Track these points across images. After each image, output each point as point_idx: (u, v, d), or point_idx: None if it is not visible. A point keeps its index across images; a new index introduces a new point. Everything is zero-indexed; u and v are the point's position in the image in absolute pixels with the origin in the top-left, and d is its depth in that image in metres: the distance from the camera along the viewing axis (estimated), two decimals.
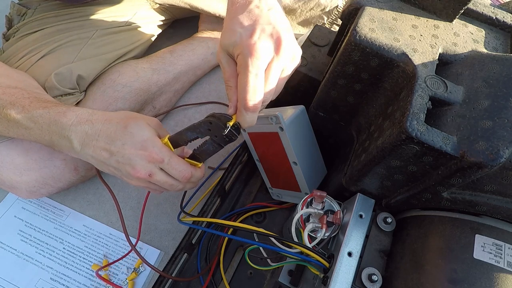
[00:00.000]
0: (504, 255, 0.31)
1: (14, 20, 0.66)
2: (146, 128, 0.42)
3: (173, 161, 0.42)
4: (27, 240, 0.59)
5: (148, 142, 0.41)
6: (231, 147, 0.72)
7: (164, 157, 0.41)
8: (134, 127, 0.41)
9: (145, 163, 0.41)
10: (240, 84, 0.36)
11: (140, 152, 0.40)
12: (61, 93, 0.57)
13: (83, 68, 0.60)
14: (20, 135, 0.47)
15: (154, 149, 0.40)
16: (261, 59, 0.36)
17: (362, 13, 0.39)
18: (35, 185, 0.54)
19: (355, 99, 0.45)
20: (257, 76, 0.36)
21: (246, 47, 0.36)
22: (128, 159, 0.41)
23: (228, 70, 0.39)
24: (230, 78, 0.39)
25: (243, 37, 0.36)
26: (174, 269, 0.47)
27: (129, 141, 0.40)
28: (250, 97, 0.36)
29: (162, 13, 0.79)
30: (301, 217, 0.41)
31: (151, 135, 0.41)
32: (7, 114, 0.45)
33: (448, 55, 0.38)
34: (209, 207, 0.50)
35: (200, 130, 0.40)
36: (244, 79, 0.36)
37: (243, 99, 0.36)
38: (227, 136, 0.39)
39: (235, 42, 0.37)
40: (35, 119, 0.44)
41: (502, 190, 0.32)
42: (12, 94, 0.46)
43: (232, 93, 0.39)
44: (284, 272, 0.43)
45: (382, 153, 0.34)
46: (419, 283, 0.33)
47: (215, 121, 0.38)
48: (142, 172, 0.41)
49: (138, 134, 0.41)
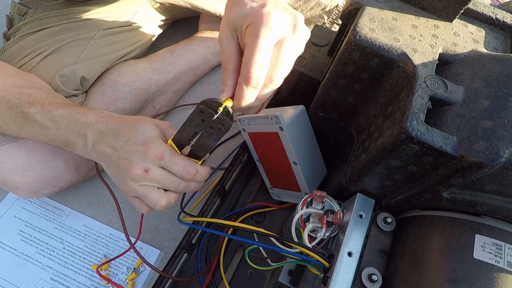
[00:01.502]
0: (504, 255, 0.31)
1: (14, 20, 0.66)
2: (152, 127, 0.41)
3: (175, 156, 0.41)
4: (27, 240, 0.59)
5: (149, 139, 0.40)
6: (231, 147, 0.72)
7: (164, 154, 0.40)
8: (141, 125, 0.41)
9: (142, 158, 0.40)
10: (246, 55, 0.33)
11: (140, 147, 0.40)
12: (66, 95, 0.57)
13: (86, 69, 0.60)
14: (31, 135, 0.48)
15: (153, 145, 0.40)
16: (275, 30, 0.33)
17: (362, 13, 0.39)
18: (36, 186, 0.55)
19: (355, 99, 0.45)
20: (266, 48, 0.33)
21: (258, 16, 0.32)
22: (127, 154, 0.40)
23: (228, 50, 0.36)
24: (228, 61, 0.36)
25: (255, 7, 0.33)
26: (174, 269, 0.47)
27: (132, 137, 0.40)
28: (254, 69, 0.33)
29: (162, 13, 0.79)
30: (301, 217, 0.41)
31: (155, 134, 0.41)
32: (25, 113, 0.45)
33: (448, 55, 0.38)
34: (209, 207, 0.50)
35: (195, 122, 0.38)
36: (251, 49, 0.32)
37: (246, 72, 0.33)
38: (219, 123, 0.37)
39: (245, 14, 0.33)
40: (56, 119, 0.45)
41: (502, 190, 0.32)
42: (30, 94, 0.47)
43: (228, 77, 0.36)
44: (284, 272, 0.43)
45: (382, 153, 0.34)
46: (419, 283, 0.33)
47: (205, 108, 0.36)
48: (138, 166, 0.39)
49: (142, 131, 0.40)
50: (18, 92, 0.47)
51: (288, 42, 0.34)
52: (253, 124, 0.51)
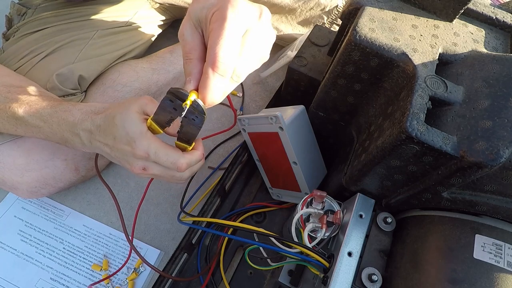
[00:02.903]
0: (504, 255, 0.31)
1: (14, 20, 0.66)
2: (131, 119, 0.38)
3: (160, 153, 0.38)
4: (27, 240, 0.59)
5: (132, 138, 0.38)
6: (231, 147, 0.72)
7: (149, 152, 0.38)
8: (119, 119, 0.38)
9: (134, 159, 0.39)
10: (212, 39, 0.30)
11: (127, 148, 0.38)
12: (63, 94, 0.57)
13: (84, 68, 0.60)
14: (29, 133, 0.47)
15: (137, 145, 0.38)
16: (243, 15, 0.31)
17: (362, 13, 0.39)
18: (36, 186, 0.55)
19: (355, 99, 0.45)
20: (234, 33, 0.31)
21: (226, 2, 0.31)
22: (122, 155, 0.40)
23: (191, 41, 0.34)
24: (192, 50, 0.33)
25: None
26: (174, 269, 0.47)
27: (117, 134, 0.39)
28: (222, 53, 0.30)
29: (162, 13, 0.79)
30: (301, 217, 0.41)
31: (135, 128, 0.38)
32: (14, 112, 0.45)
33: (448, 55, 0.38)
34: (209, 207, 0.50)
35: (168, 109, 0.35)
36: (218, 32, 0.30)
37: (212, 56, 0.30)
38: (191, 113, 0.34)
39: (211, 3, 0.32)
40: (45, 119, 0.44)
41: (502, 190, 0.32)
42: (18, 92, 0.46)
43: (193, 66, 0.33)
44: (284, 272, 0.43)
45: (382, 153, 0.34)
46: (419, 283, 0.33)
47: (174, 98, 0.34)
48: (136, 167, 0.39)
49: (122, 127, 0.38)
50: (6, 91, 0.46)
51: (254, 32, 0.33)
52: (253, 124, 0.51)
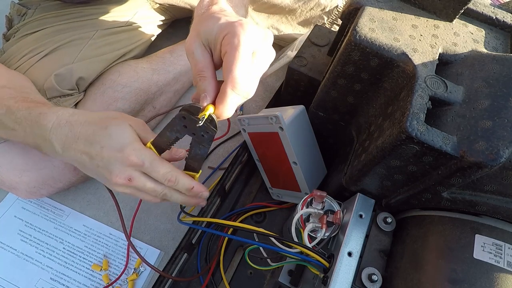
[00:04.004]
0: (504, 255, 0.31)
1: (14, 20, 0.66)
2: (127, 130, 0.38)
3: (155, 163, 0.38)
4: (27, 240, 0.58)
5: (127, 145, 0.37)
6: (231, 147, 0.72)
7: (144, 160, 0.37)
8: (113, 129, 0.38)
9: (123, 167, 0.37)
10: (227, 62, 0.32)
11: (119, 155, 0.37)
12: (60, 94, 0.57)
13: (83, 69, 0.60)
14: (8, 136, 0.46)
15: (133, 152, 0.37)
16: (252, 38, 0.33)
17: (362, 13, 0.39)
18: (34, 186, 0.54)
19: (355, 99, 0.45)
20: (247, 57, 0.33)
21: (237, 26, 0.33)
22: (106, 163, 0.38)
23: (202, 60, 0.35)
24: (204, 69, 0.35)
25: (231, 20, 0.34)
26: (174, 269, 0.47)
27: (107, 143, 0.37)
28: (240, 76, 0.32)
29: (162, 13, 0.79)
30: (301, 217, 0.41)
31: (131, 138, 0.38)
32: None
33: (448, 55, 0.38)
34: (209, 207, 0.51)
35: (177, 128, 0.36)
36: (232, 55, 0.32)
37: (232, 78, 0.32)
38: (202, 130, 0.35)
39: (220, 26, 0.34)
40: (19, 121, 0.42)
41: (502, 190, 0.32)
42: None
43: (207, 83, 0.35)
44: (284, 272, 0.43)
45: (382, 153, 0.34)
46: (419, 283, 0.33)
47: (187, 115, 0.35)
48: (120, 176, 0.37)
49: (117, 136, 0.38)
50: None
51: (261, 53, 0.35)
52: (253, 124, 0.51)
